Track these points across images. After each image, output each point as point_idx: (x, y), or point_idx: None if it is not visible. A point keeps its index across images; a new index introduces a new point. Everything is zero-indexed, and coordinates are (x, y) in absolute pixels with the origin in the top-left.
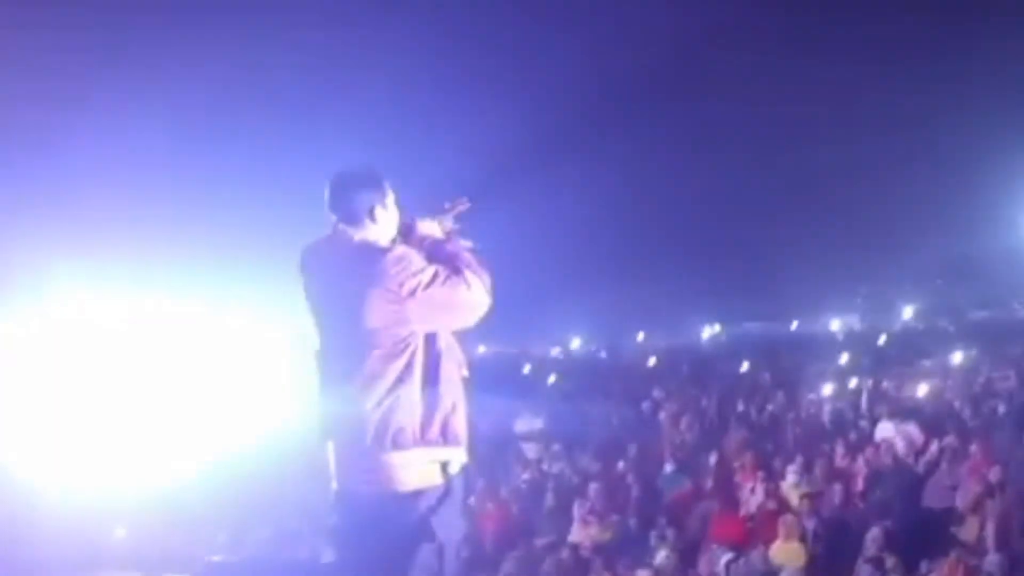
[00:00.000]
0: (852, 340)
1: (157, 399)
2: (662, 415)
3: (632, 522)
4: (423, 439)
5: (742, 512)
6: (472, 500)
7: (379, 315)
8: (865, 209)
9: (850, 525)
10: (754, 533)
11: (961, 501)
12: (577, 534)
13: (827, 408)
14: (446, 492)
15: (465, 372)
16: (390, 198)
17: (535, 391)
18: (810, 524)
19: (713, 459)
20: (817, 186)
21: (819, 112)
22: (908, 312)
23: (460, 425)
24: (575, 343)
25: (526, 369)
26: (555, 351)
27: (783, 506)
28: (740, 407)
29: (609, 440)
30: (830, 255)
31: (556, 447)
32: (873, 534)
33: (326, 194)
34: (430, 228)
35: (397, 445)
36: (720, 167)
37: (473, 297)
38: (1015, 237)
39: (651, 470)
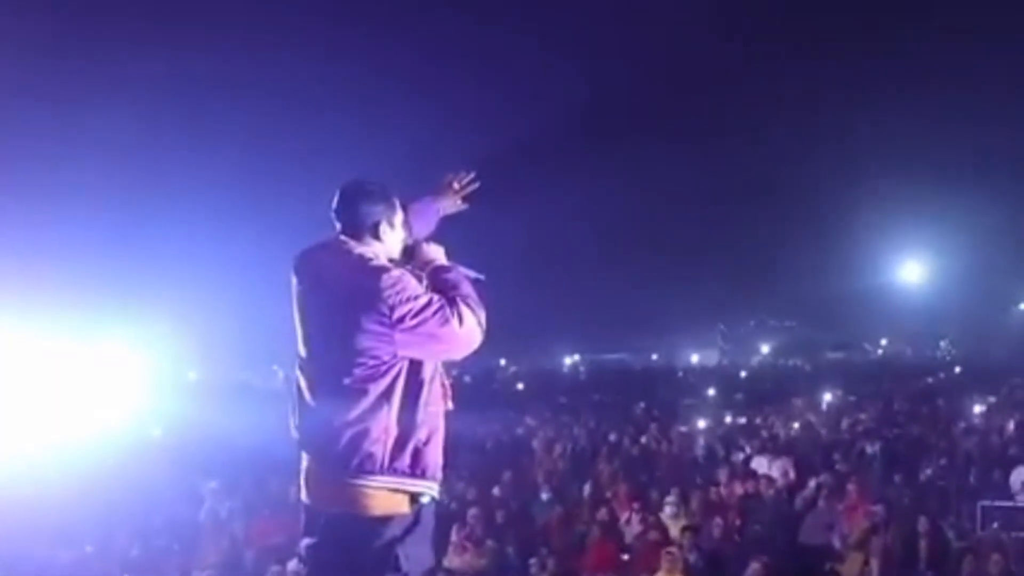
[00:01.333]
0: (717, 375)
1: (19, 407)
2: (535, 442)
3: (510, 549)
4: (390, 467)
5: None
6: None
7: (366, 335)
8: (725, 248)
9: (729, 559)
10: (634, 563)
11: (840, 538)
12: (453, 560)
13: (700, 442)
14: (414, 522)
15: (450, 404)
16: (398, 218)
17: None
18: (691, 557)
19: (587, 488)
20: (680, 225)
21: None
22: (765, 349)
23: (433, 458)
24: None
25: None
26: None
27: (665, 537)
28: (612, 437)
29: (483, 465)
30: (690, 292)
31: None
32: (753, 568)
33: (335, 200)
34: (435, 252)
35: (363, 470)
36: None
37: (463, 332)
38: (864, 282)
39: (526, 496)
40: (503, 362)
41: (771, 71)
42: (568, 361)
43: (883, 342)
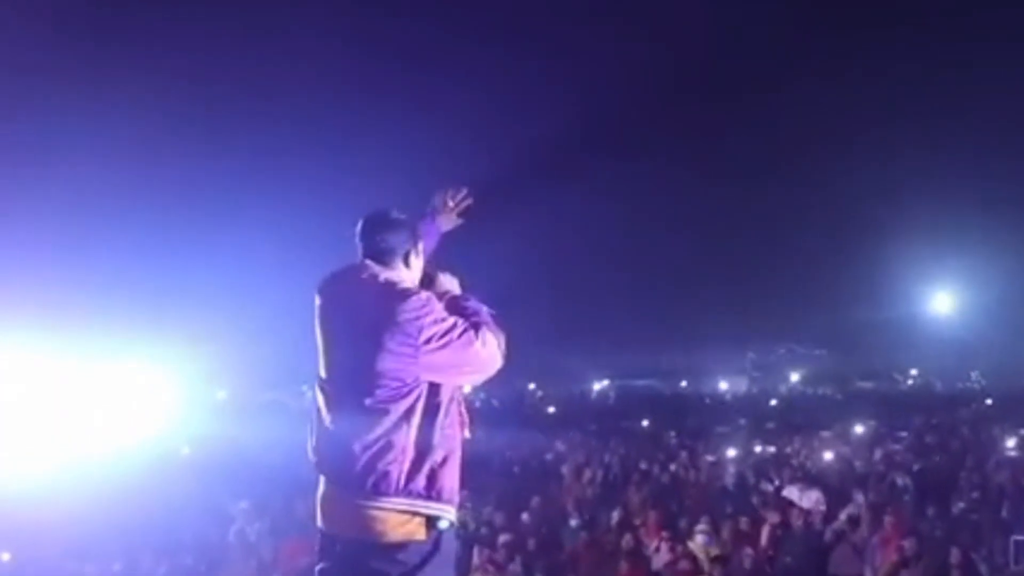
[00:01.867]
0: (747, 403)
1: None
2: (564, 468)
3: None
4: (405, 489)
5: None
6: None
7: (391, 357)
8: (755, 275)
9: None
10: None
11: (870, 570)
12: None
13: (730, 470)
14: (433, 550)
15: (467, 432)
16: (420, 246)
17: None
18: None
19: (616, 515)
20: (711, 251)
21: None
22: (794, 377)
23: (449, 481)
24: (465, 389)
25: None
26: None
27: (695, 567)
28: (643, 464)
29: (511, 490)
30: (720, 318)
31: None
32: None
33: (360, 227)
34: (450, 283)
35: (379, 491)
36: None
37: (486, 355)
38: (895, 312)
39: (554, 522)
40: (532, 386)
41: (806, 95)
42: (597, 386)
43: (912, 372)
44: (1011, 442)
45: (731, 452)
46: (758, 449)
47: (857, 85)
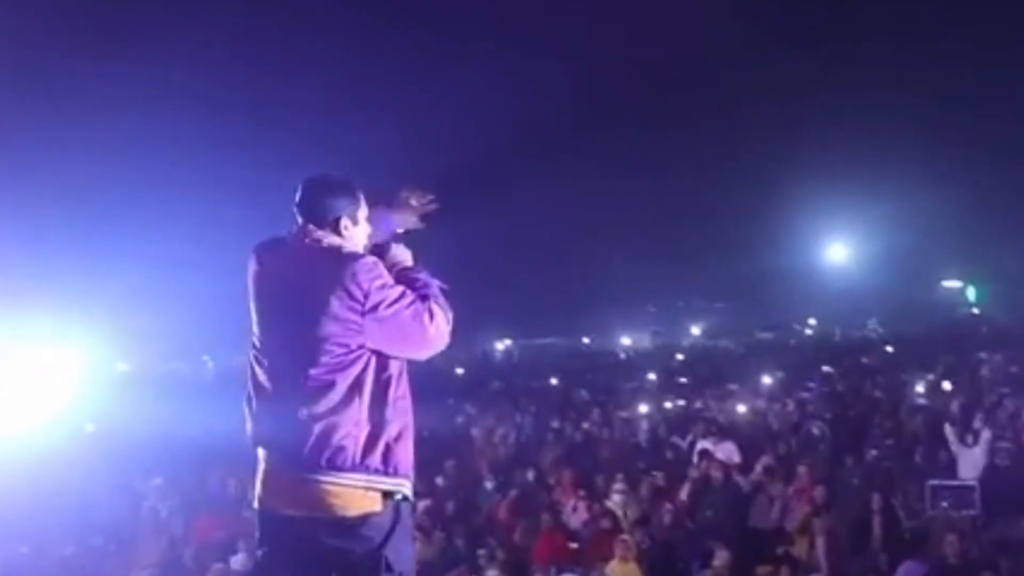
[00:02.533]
0: (652, 358)
1: None
2: (475, 430)
3: (459, 540)
4: (362, 464)
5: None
6: None
7: (335, 323)
8: (650, 228)
9: (681, 546)
10: (585, 552)
11: (789, 521)
12: None
13: (643, 426)
14: (395, 519)
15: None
16: (362, 213)
17: None
18: (643, 545)
19: (531, 475)
20: (603, 204)
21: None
22: (695, 331)
23: (405, 455)
24: None
25: None
26: None
27: (616, 525)
28: (555, 423)
29: (423, 456)
30: (618, 273)
31: None
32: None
33: (299, 190)
34: (403, 254)
35: (334, 467)
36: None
37: (433, 330)
38: (791, 262)
39: (470, 486)
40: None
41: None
42: (500, 346)
43: (811, 322)
44: (920, 388)
45: (642, 408)
46: (669, 404)
47: (752, 39)
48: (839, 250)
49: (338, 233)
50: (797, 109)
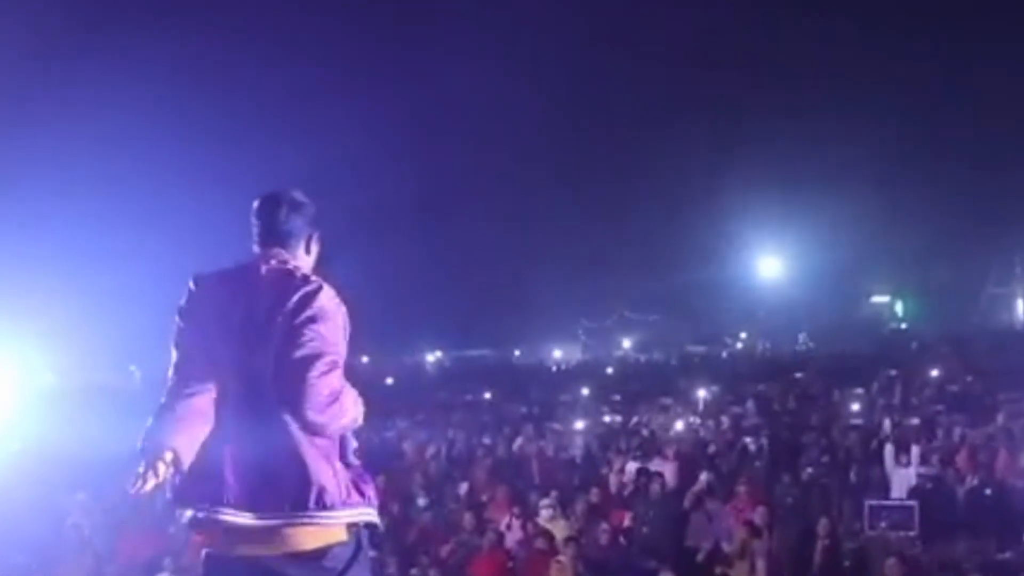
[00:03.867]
0: (584, 371)
1: None
2: (406, 445)
3: (391, 558)
4: (346, 501)
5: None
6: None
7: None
8: (583, 241)
9: (617, 567)
10: (520, 572)
11: (727, 542)
12: None
13: (577, 442)
14: (357, 548)
15: None
16: (318, 233)
17: None
18: (578, 566)
19: (463, 491)
20: (537, 216)
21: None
22: (627, 344)
23: (371, 479)
24: None
25: None
26: None
27: (551, 545)
28: (487, 439)
29: None
30: (550, 286)
31: None
32: None
33: (258, 206)
34: None
35: (323, 505)
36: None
37: (333, 411)
38: (722, 275)
39: (402, 502)
40: (364, 359)
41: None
42: (431, 358)
43: (742, 336)
44: (855, 406)
45: (577, 424)
46: (605, 419)
47: (681, 51)
48: (771, 264)
49: (307, 252)
50: (730, 126)
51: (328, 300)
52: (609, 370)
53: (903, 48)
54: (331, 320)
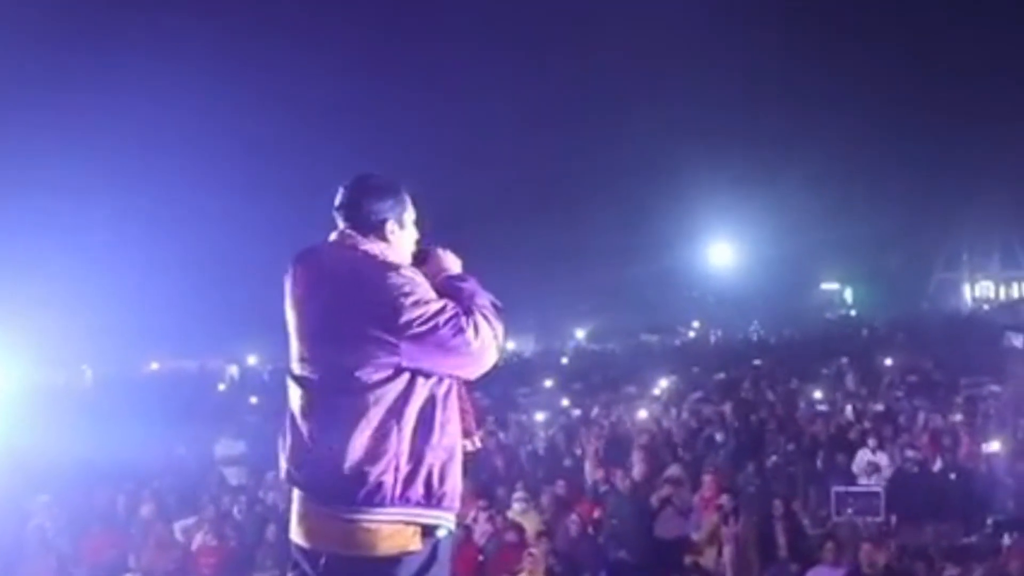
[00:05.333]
0: (542, 362)
1: None
2: None
3: None
4: (403, 497)
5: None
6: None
7: (369, 343)
8: (532, 229)
9: (587, 558)
10: (491, 566)
11: (696, 530)
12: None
13: (539, 434)
14: (430, 561)
15: (472, 442)
16: (409, 216)
17: (234, 412)
18: (548, 558)
19: None
20: (483, 205)
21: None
22: (580, 334)
23: (451, 485)
24: (251, 360)
25: (221, 387)
26: (233, 369)
27: (521, 538)
28: None
29: None
30: (500, 276)
31: (271, 475)
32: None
33: (340, 193)
34: (450, 261)
35: (372, 503)
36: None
37: (477, 346)
38: (673, 263)
39: None
40: None
41: (582, 60)
42: None
43: (695, 324)
44: (819, 393)
45: (539, 415)
46: (569, 410)
47: (633, 42)
48: (721, 252)
49: (383, 238)
50: (680, 115)
51: (394, 273)
52: (564, 360)
53: (855, 38)
54: (407, 285)
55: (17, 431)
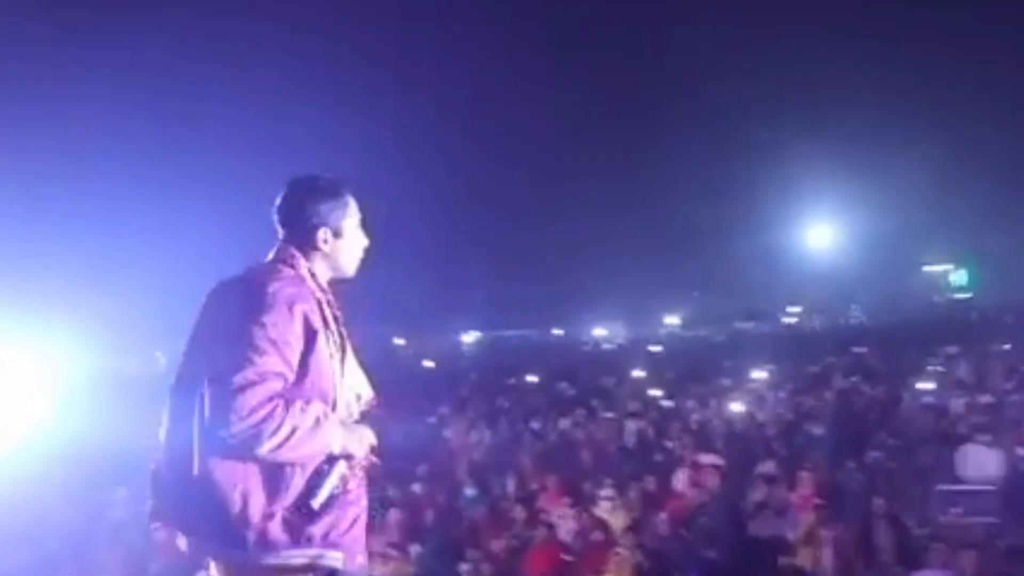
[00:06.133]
0: (628, 351)
1: None
2: (449, 431)
3: (438, 554)
4: (292, 541)
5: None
6: None
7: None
8: (622, 215)
9: (677, 557)
10: (578, 566)
11: (792, 531)
12: (377, 570)
13: (629, 427)
14: None
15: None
16: (350, 221)
17: None
18: (637, 557)
19: (511, 482)
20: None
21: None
22: (672, 321)
23: (338, 520)
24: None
25: None
26: None
27: (609, 537)
28: (534, 423)
29: (396, 459)
30: (589, 261)
31: None
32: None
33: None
34: (353, 441)
35: (261, 545)
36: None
37: (244, 424)
38: (769, 246)
39: (448, 492)
40: (401, 341)
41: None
42: (467, 339)
43: (792, 310)
44: (927, 385)
45: (627, 407)
46: (658, 401)
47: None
48: (820, 233)
49: (314, 247)
50: (774, 88)
51: (268, 292)
52: (657, 348)
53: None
54: (269, 311)
55: (86, 420)
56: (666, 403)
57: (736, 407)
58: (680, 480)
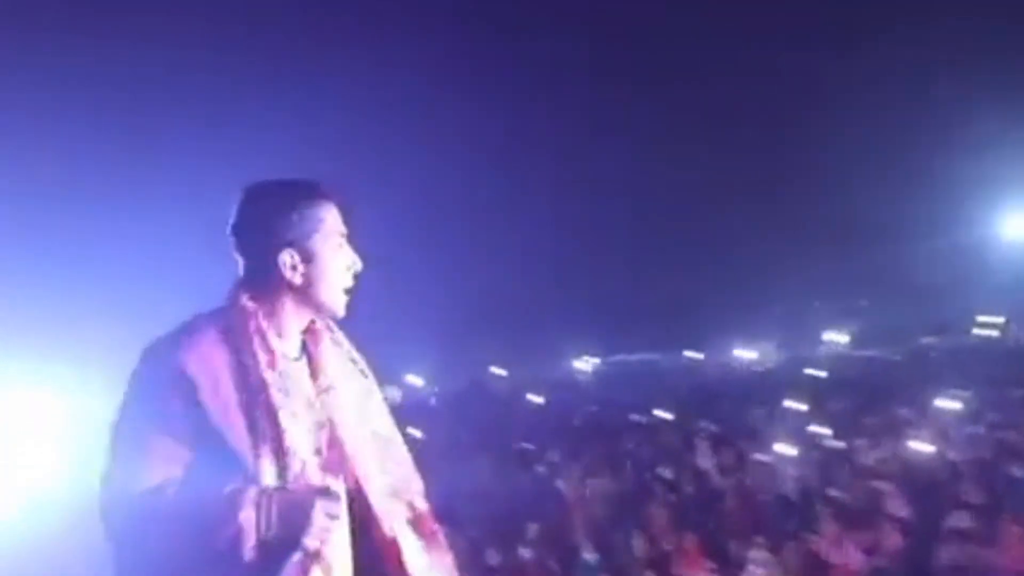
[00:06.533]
0: (782, 376)
1: None
2: (561, 482)
3: None
4: None
5: None
6: None
7: None
8: (771, 203)
9: None
10: None
11: None
12: None
13: (788, 473)
14: None
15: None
16: (326, 237)
17: None
18: None
19: (640, 543)
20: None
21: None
22: (836, 338)
23: None
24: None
25: None
26: (395, 392)
27: None
28: (666, 470)
29: (499, 517)
30: (728, 271)
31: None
32: None
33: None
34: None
35: None
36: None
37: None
38: (955, 243)
39: (563, 558)
40: (499, 371)
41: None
42: (580, 365)
43: (990, 320)
44: None
45: (785, 448)
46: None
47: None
48: (1021, 223)
49: (279, 275)
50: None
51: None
52: (818, 372)
53: None
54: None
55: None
56: (832, 443)
57: (920, 445)
58: (851, 538)
